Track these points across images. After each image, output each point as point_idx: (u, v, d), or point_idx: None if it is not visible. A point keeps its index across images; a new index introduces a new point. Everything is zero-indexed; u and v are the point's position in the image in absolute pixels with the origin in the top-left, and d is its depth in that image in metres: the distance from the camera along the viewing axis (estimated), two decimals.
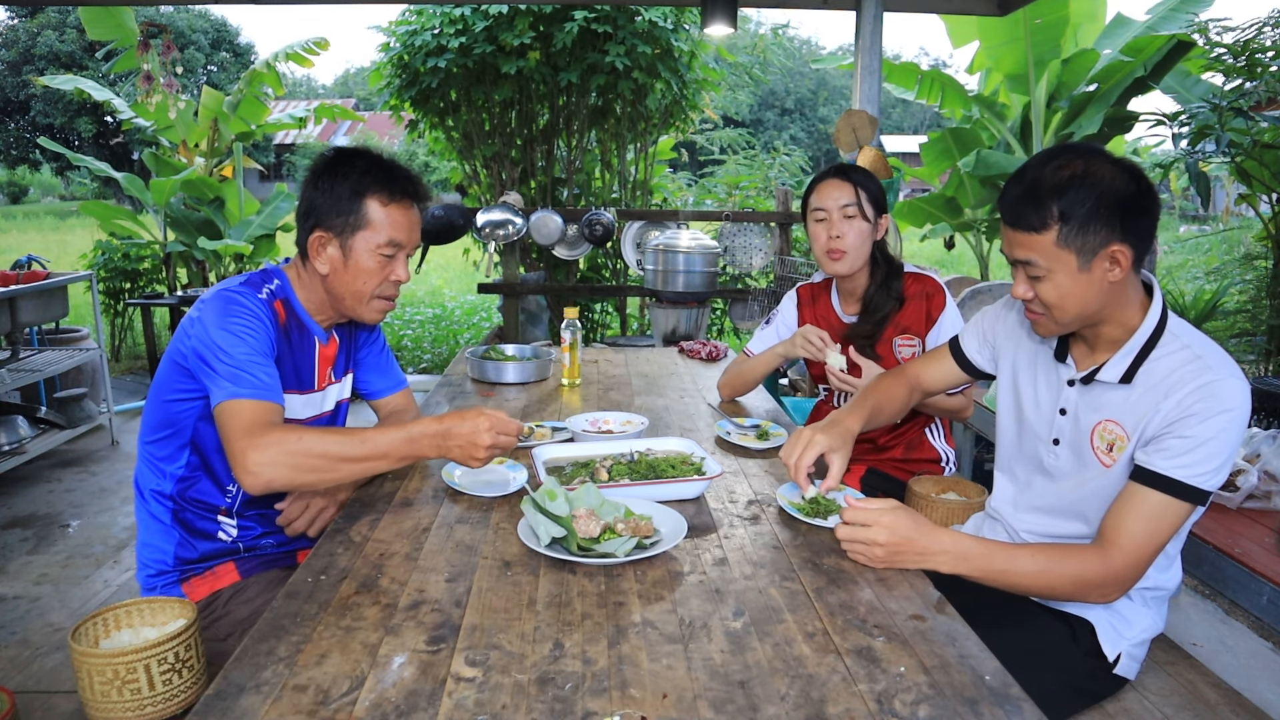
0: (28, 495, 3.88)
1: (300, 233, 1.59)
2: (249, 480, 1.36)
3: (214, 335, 1.46)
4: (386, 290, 1.63)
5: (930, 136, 6.63)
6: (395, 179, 1.58)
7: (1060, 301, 1.32)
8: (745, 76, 10.13)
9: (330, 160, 1.58)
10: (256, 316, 1.51)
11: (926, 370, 1.75)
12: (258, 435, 1.37)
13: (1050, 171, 1.27)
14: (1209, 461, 1.25)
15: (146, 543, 1.62)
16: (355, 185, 1.55)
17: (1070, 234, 1.26)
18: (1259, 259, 5.22)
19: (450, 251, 8.52)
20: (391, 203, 1.57)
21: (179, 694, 1.31)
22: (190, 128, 6.73)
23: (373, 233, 1.56)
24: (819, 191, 2.08)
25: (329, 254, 1.57)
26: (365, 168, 1.57)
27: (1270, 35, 4.09)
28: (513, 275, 5.18)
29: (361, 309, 1.63)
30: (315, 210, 1.56)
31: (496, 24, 5.62)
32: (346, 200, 1.54)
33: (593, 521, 1.30)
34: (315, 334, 1.67)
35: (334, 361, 1.75)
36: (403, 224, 1.59)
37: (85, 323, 6.99)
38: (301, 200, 1.59)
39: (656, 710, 0.93)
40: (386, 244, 1.57)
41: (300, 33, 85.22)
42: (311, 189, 1.57)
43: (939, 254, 12.12)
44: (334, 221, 1.55)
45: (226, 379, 1.43)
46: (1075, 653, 1.41)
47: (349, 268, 1.57)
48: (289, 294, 1.63)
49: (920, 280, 2.11)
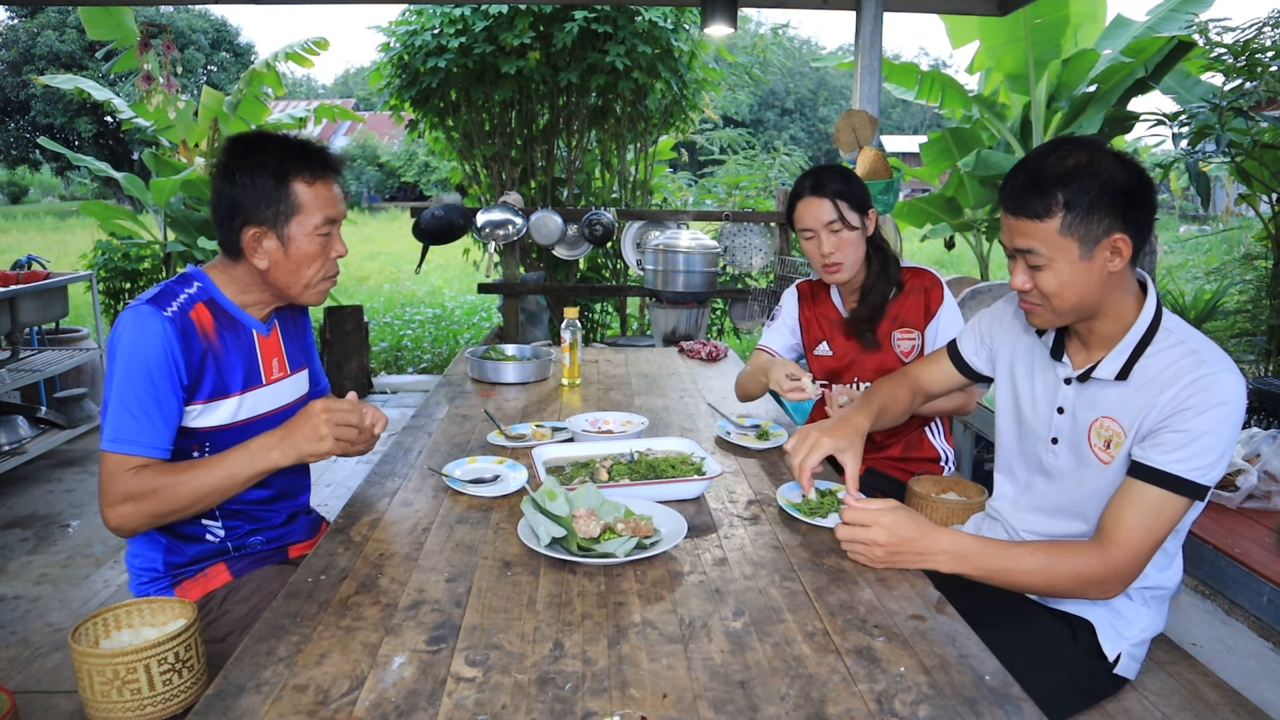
0: (28, 495, 3.88)
1: (226, 231, 1.53)
2: (114, 530, 1.45)
3: (113, 367, 1.45)
4: (329, 270, 1.61)
5: (930, 136, 6.63)
6: (312, 156, 1.54)
7: (1060, 290, 1.32)
8: (745, 76, 10.14)
9: (238, 151, 1.52)
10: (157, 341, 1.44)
11: (926, 372, 1.76)
12: (117, 497, 1.42)
13: (1054, 161, 1.29)
14: (1206, 455, 1.26)
15: (135, 552, 1.60)
16: (276, 171, 1.50)
17: (1074, 221, 1.27)
18: (1259, 259, 5.23)
19: (450, 251, 8.52)
20: (316, 180, 1.53)
21: (179, 694, 1.31)
22: (190, 128, 6.73)
23: (306, 216, 1.52)
24: (800, 212, 2.05)
25: (267, 248, 1.53)
26: (279, 152, 1.52)
27: (1270, 35, 4.09)
28: (513, 275, 5.18)
29: (308, 294, 1.60)
30: (240, 206, 1.50)
31: (496, 24, 5.62)
32: (272, 189, 1.50)
33: (593, 521, 1.30)
34: (252, 327, 1.62)
35: (281, 352, 1.69)
36: (331, 199, 1.56)
37: (85, 323, 6.99)
38: (219, 197, 1.52)
39: (656, 710, 0.93)
40: (323, 223, 1.54)
41: (300, 33, 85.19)
42: (228, 184, 1.50)
43: (939, 254, 12.12)
44: (264, 214, 1.50)
45: (109, 422, 1.44)
46: (1075, 653, 1.41)
47: (290, 256, 1.54)
48: (213, 293, 1.57)
49: (919, 274, 2.11)
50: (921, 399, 1.77)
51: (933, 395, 1.77)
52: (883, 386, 1.71)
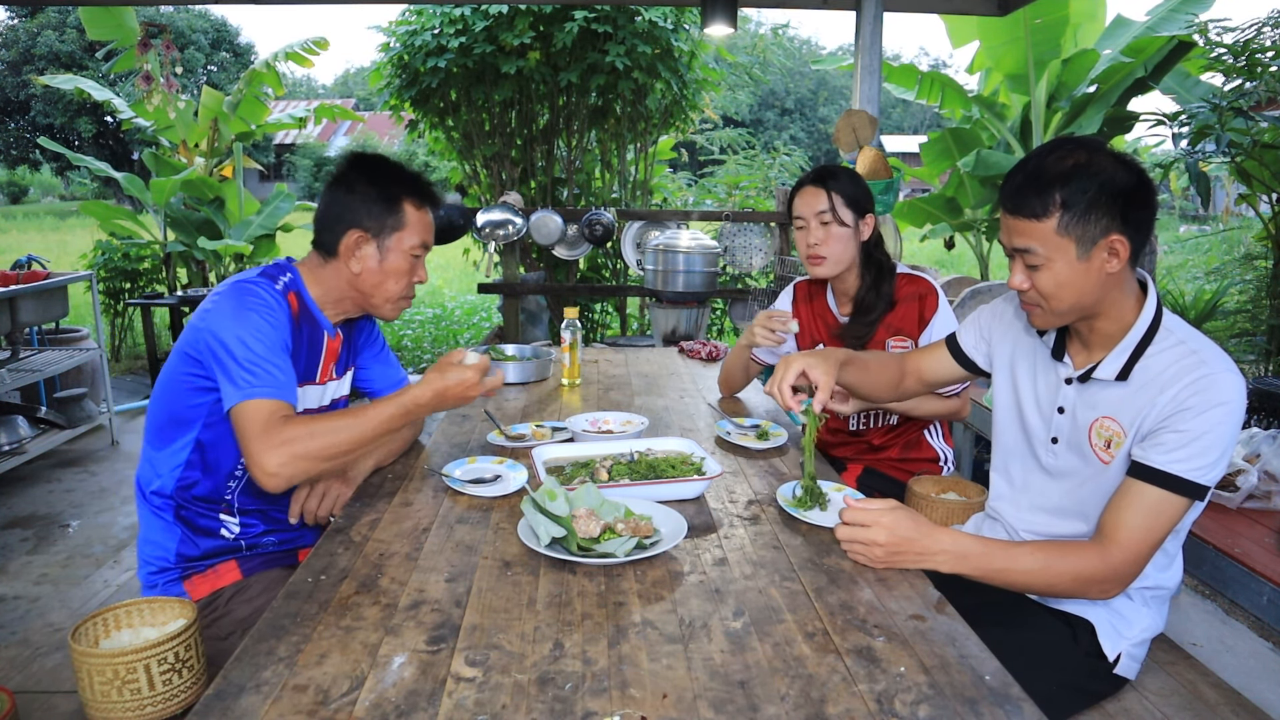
0: (28, 495, 3.88)
1: (328, 232, 1.64)
2: (269, 482, 1.40)
3: (231, 328, 1.48)
4: (409, 291, 1.72)
5: (930, 136, 6.64)
6: (424, 186, 1.69)
7: (1057, 291, 1.32)
8: (745, 76, 10.14)
9: (360, 165, 1.66)
10: (272, 308, 1.54)
11: (922, 358, 1.75)
12: (273, 438, 1.40)
13: (1053, 160, 1.29)
14: (1205, 455, 1.25)
15: (148, 539, 1.63)
16: (392, 190, 1.63)
17: (1071, 221, 1.27)
18: (1259, 259, 5.23)
19: (450, 251, 8.53)
20: (423, 206, 1.68)
21: (179, 694, 1.31)
22: (190, 128, 6.73)
23: (408, 234, 1.65)
24: (797, 200, 2.11)
25: (365, 253, 1.63)
26: (398, 176, 1.66)
27: (1270, 35, 4.09)
28: (513, 275, 5.18)
29: (387, 307, 1.71)
30: (351, 211, 1.62)
31: (496, 24, 5.62)
32: (384, 203, 1.62)
33: (593, 521, 1.30)
34: (324, 328, 1.71)
35: (338, 357, 1.78)
36: (430, 228, 1.70)
37: (85, 323, 6.99)
38: (330, 202, 1.64)
39: (656, 710, 0.93)
40: (419, 245, 1.67)
41: (300, 33, 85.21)
42: (344, 192, 1.63)
43: (939, 254, 12.12)
44: (371, 223, 1.62)
45: (240, 376, 1.45)
46: (1075, 653, 1.41)
47: (384, 267, 1.65)
48: (300, 287, 1.66)
49: (914, 281, 2.11)
50: (914, 381, 1.75)
51: (926, 381, 1.75)
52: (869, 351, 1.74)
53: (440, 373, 1.54)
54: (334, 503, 1.66)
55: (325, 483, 1.67)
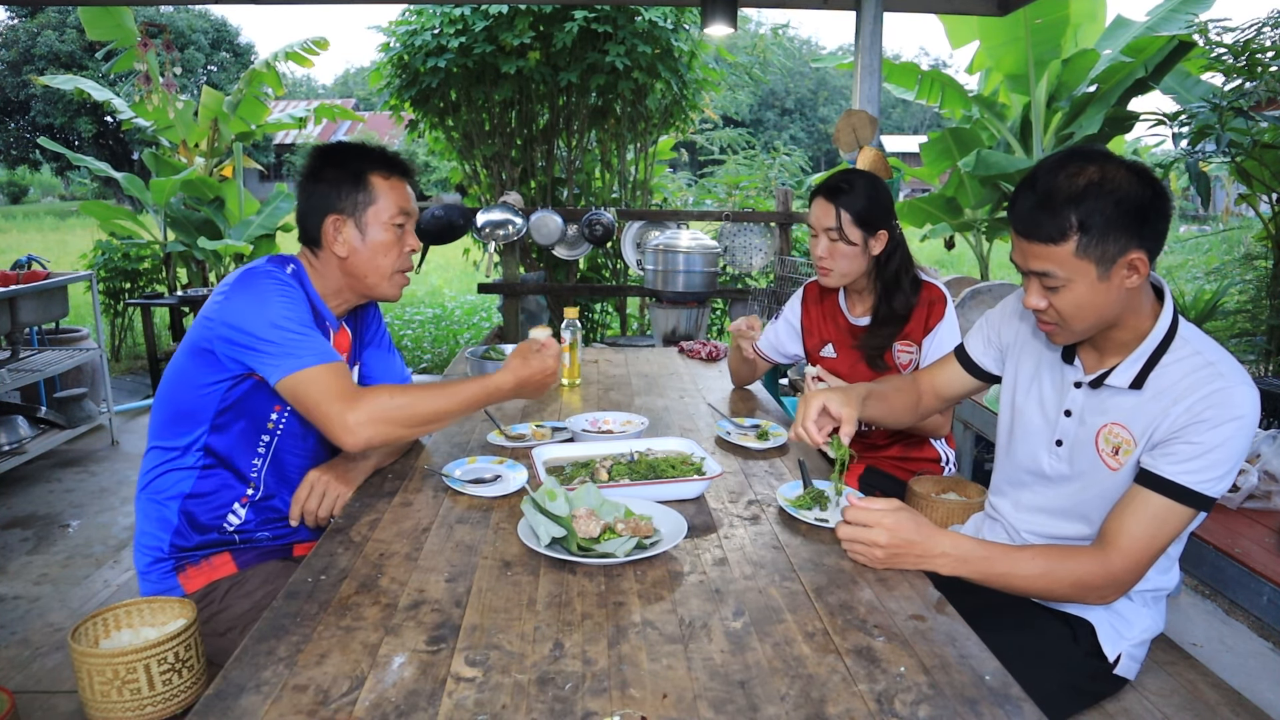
0: (28, 495, 3.88)
1: (308, 224, 1.66)
2: (349, 439, 1.45)
3: (256, 313, 1.49)
4: (403, 263, 1.71)
5: (930, 136, 6.63)
6: (388, 157, 1.70)
7: (1078, 312, 1.28)
8: (745, 76, 10.14)
9: (324, 154, 1.68)
10: (288, 288, 1.57)
11: (937, 376, 1.73)
12: (350, 396, 1.45)
13: (1064, 179, 1.23)
14: (1216, 468, 1.24)
15: (144, 530, 1.64)
16: (356, 167, 1.65)
17: (1090, 244, 1.22)
18: (1259, 259, 5.22)
19: (450, 251, 8.52)
20: (392, 176, 1.68)
21: (179, 694, 1.31)
22: (190, 128, 6.73)
23: (383, 206, 1.66)
24: (812, 205, 2.12)
25: (346, 235, 1.65)
26: (360, 154, 1.68)
27: (1270, 35, 4.09)
28: (513, 275, 5.18)
29: (385, 285, 1.71)
30: (323, 198, 1.64)
31: (496, 24, 5.63)
32: (351, 182, 1.64)
33: (593, 521, 1.30)
34: (330, 322, 1.71)
35: (347, 351, 1.78)
36: (405, 195, 1.70)
37: (85, 323, 6.99)
38: (305, 196, 1.66)
39: (656, 710, 0.93)
40: (398, 213, 1.67)
41: (300, 33, 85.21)
42: (313, 182, 1.66)
43: (939, 254, 12.11)
44: (344, 204, 1.64)
45: (287, 352, 1.47)
46: (1075, 653, 1.41)
47: (368, 244, 1.66)
48: (305, 280, 1.68)
49: (925, 288, 2.11)
50: (932, 399, 1.74)
51: (943, 397, 1.74)
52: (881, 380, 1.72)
53: (523, 358, 1.58)
54: (334, 503, 1.66)
55: (325, 483, 1.66)
